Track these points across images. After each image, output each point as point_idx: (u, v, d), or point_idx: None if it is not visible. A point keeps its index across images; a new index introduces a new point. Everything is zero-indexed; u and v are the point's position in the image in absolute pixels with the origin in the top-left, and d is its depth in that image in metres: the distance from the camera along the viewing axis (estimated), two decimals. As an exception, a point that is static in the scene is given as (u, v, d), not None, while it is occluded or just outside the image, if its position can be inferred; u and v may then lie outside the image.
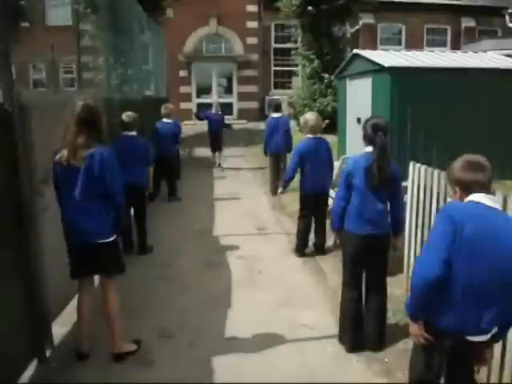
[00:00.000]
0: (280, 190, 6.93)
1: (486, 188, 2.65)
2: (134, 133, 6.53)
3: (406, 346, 4.20)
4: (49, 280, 4.04)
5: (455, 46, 23.96)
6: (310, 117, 6.44)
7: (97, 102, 3.89)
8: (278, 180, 9.53)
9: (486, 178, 2.65)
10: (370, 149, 4.03)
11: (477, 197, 2.63)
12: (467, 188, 2.67)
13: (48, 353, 4.06)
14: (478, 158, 2.72)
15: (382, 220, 4.07)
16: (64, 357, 4.09)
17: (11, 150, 3.56)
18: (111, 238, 3.90)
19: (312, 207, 6.52)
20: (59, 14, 24.71)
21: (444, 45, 25.24)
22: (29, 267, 3.80)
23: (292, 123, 19.23)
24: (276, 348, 4.27)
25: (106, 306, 4.04)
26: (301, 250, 6.58)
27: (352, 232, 4.10)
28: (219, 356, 4.14)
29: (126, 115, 6.50)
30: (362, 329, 4.21)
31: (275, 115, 10.09)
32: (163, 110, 9.48)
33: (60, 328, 4.46)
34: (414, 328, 2.78)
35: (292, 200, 8.63)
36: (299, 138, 6.91)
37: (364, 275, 4.25)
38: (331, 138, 11.27)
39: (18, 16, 19.09)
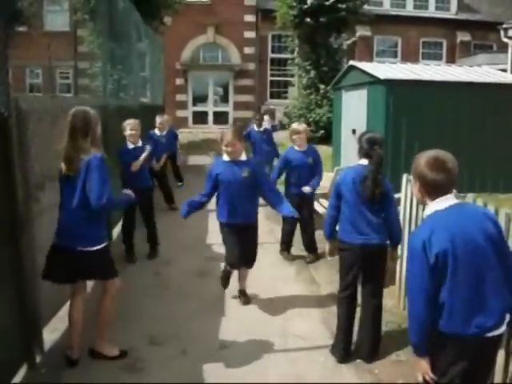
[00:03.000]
0: None
1: (447, 190, 2.67)
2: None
3: (397, 357, 4.21)
4: (40, 285, 4.03)
5: (450, 60, 24.14)
6: (295, 127, 6.78)
7: (89, 109, 3.91)
8: None
9: (449, 179, 2.65)
10: (364, 162, 4.07)
11: (434, 206, 2.69)
12: (427, 186, 2.70)
13: (38, 358, 4.04)
14: (444, 157, 2.69)
15: (375, 231, 4.09)
16: (54, 363, 4.07)
17: (7, 154, 3.56)
18: (102, 245, 3.93)
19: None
20: (57, 20, 24.75)
21: (439, 58, 25.41)
22: (21, 273, 3.79)
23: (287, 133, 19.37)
24: (267, 358, 4.27)
25: (101, 306, 4.14)
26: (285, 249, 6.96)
27: (346, 242, 4.14)
28: (210, 365, 4.13)
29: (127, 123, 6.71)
30: (351, 340, 4.23)
31: (260, 129, 10.32)
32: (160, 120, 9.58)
33: (50, 334, 4.45)
34: (421, 364, 2.74)
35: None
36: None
37: (360, 286, 4.28)
38: (326, 149, 11.32)
39: (15, 20, 19.09)
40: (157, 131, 9.50)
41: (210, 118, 25.41)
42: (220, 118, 25.29)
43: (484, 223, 2.62)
